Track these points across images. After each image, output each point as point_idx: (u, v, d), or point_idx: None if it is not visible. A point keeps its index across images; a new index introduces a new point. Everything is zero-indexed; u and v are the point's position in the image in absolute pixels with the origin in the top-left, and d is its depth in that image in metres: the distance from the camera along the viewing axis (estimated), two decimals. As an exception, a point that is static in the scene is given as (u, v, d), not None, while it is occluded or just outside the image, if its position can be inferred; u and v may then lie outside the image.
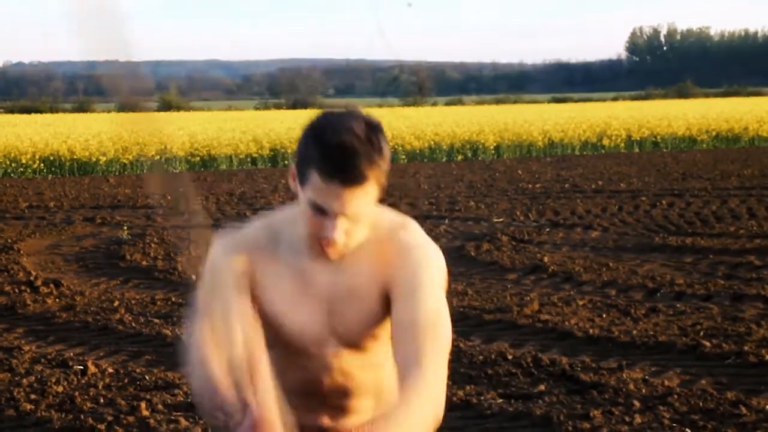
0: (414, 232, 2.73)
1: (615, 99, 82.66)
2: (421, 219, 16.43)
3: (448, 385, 7.22)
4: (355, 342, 2.76)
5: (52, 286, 11.10)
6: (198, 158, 30.57)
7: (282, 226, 2.75)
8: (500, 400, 6.81)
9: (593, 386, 7.03)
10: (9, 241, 14.69)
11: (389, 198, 19.68)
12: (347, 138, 2.46)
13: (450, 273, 2.95)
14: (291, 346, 2.77)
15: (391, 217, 2.75)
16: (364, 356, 2.81)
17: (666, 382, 7.12)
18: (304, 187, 2.54)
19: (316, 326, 2.73)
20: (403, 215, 2.79)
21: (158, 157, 29.90)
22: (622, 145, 35.04)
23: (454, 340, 8.48)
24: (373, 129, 2.50)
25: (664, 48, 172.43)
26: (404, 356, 2.55)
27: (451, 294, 10.34)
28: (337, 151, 2.45)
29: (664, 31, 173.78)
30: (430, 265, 2.69)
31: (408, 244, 2.68)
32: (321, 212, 2.53)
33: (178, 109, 73.19)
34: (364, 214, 2.56)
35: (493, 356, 7.84)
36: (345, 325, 2.73)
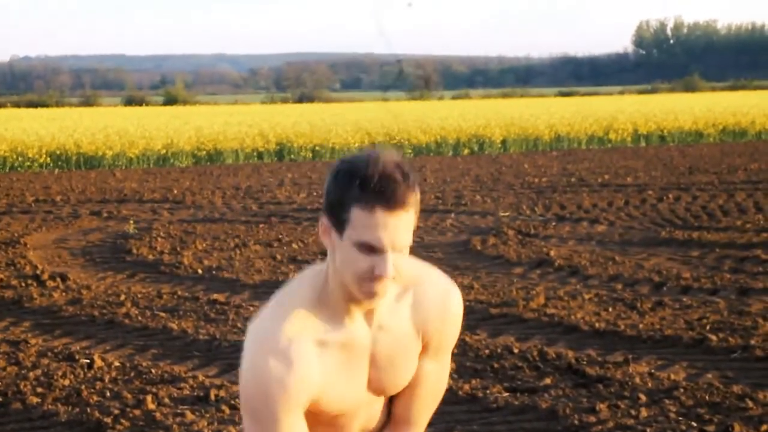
0: (444, 281, 2.74)
1: (621, 93, 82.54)
2: (428, 213, 16.45)
3: (454, 378, 7.20)
4: (390, 394, 2.77)
5: (58, 279, 11.12)
6: (204, 152, 30.59)
7: (318, 295, 2.60)
8: (506, 394, 6.81)
9: (599, 380, 7.03)
10: (16, 235, 14.72)
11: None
12: (384, 165, 2.44)
13: (456, 267, 2.98)
14: (332, 415, 2.68)
15: (410, 261, 2.66)
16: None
17: (672, 376, 7.12)
18: (344, 231, 2.46)
19: (362, 391, 2.68)
20: (418, 258, 2.76)
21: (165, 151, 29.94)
22: (629, 139, 35.01)
23: (460, 335, 8.49)
24: (402, 162, 2.49)
25: (671, 41, 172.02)
26: (409, 410, 2.79)
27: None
28: (377, 179, 2.42)
29: (670, 25, 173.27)
30: (458, 325, 2.76)
31: (452, 302, 2.72)
32: (369, 250, 2.45)
33: (185, 103, 73.24)
34: (407, 247, 2.50)
35: (499, 350, 7.84)
36: (392, 381, 2.70)
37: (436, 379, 2.77)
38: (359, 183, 2.42)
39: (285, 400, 2.50)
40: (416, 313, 2.67)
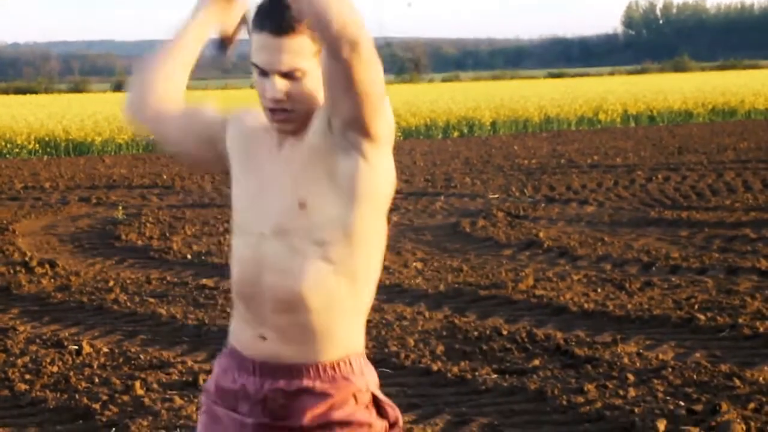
0: None
1: (611, 73, 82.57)
2: (418, 196, 16.45)
3: (443, 361, 7.22)
4: (313, 232, 2.58)
5: (47, 266, 11.09)
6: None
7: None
8: (495, 376, 6.82)
9: (588, 360, 7.04)
10: (4, 221, 14.68)
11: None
12: None
13: (445, 249, 2.99)
14: (244, 222, 2.70)
15: None
16: (321, 261, 2.60)
17: (660, 356, 7.13)
18: (251, 55, 2.61)
19: (275, 190, 2.65)
20: None
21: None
22: (618, 119, 35.00)
23: (449, 317, 8.44)
24: None
25: (660, 22, 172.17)
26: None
27: (446, 270, 10.37)
28: (268, 3, 2.55)
29: (660, 5, 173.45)
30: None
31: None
32: (261, 73, 2.58)
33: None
34: (303, 73, 2.55)
35: (488, 332, 7.84)
36: (304, 195, 2.58)
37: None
38: (257, 8, 2.58)
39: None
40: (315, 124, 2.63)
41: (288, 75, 2.55)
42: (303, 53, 2.54)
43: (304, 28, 2.49)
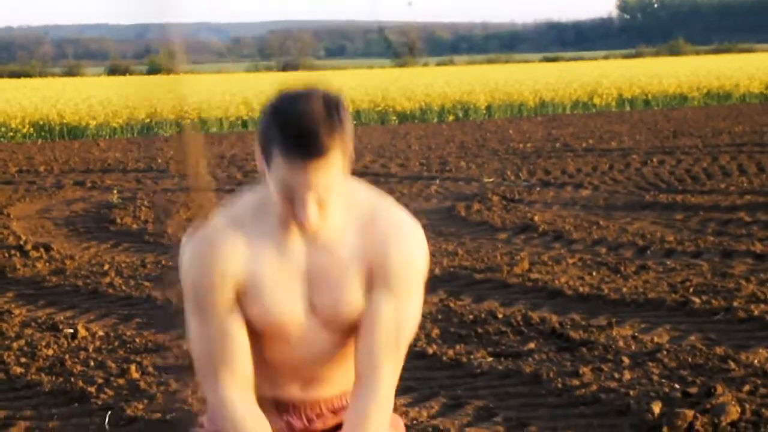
0: (399, 215, 2.73)
1: (606, 57, 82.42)
2: (412, 180, 16.44)
3: (438, 344, 7.22)
4: (335, 323, 2.74)
5: (42, 250, 11.08)
6: (188, 121, 30.46)
7: (260, 205, 2.69)
8: (490, 359, 6.82)
9: (583, 344, 7.04)
10: (-1, 206, 14.66)
11: (380, 159, 19.66)
12: (305, 113, 2.42)
13: (440, 233, 2.99)
14: (270, 327, 2.72)
15: (369, 193, 2.71)
16: (344, 336, 2.78)
17: (655, 339, 7.14)
18: (270, 168, 2.50)
19: (298, 306, 2.69)
20: (380, 191, 2.76)
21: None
22: (613, 103, 34.98)
23: (444, 300, 8.44)
24: (331, 102, 2.47)
25: (655, 5, 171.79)
26: (367, 355, 2.70)
27: (441, 254, 10.35)
28: (296, 127, 2.42)
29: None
30: (414, 260, 2.71)
31: (404, 235, 2.69)
32: (290, 193, 2.49)
33: (168, 72, 72.89)
34: (334, 189, 2.51)
35: (483, 315, 7.84)
36: (331, 304, 2.69)
37: (392, 320, 2.71)
38: (280, 127, 2.44)
39: (211, 282, 2.62)
40: (363, 241, 2.65)
41: (321, 193, 2.51)
42: (336, 171, 2.50)
43: (336, 146, 2.46)
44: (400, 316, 2.74)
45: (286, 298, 2.67)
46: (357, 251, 2.66)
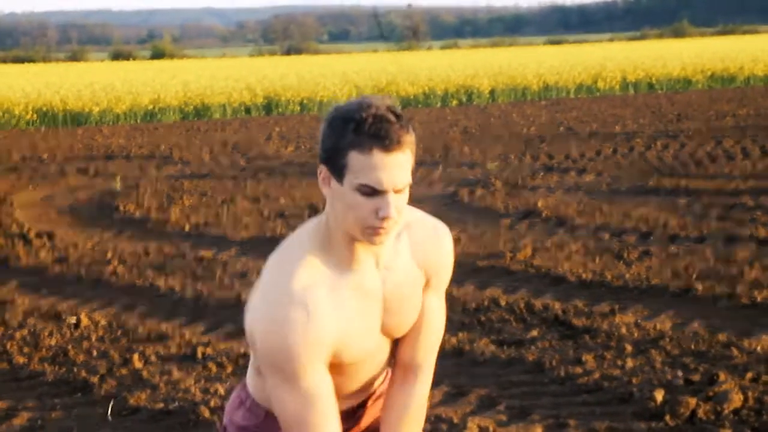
0: (429, 219, 2.86)
1: (611, 40, 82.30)
2: (416, 165, 16.40)
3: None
4: (398, 335, 2.82)
5: (45, 238, 11.09)
6: (191, 107, 30.45)
7: (322, 245, 2.62)
8: (493, 347, 6.82)
9: (585, 331, 7.04)
10: (2, 193, 14.66)
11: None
12: (377, 108, 2.47)
13: (444, 219, 3.03)
14: (350, 362, 2.71)
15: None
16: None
17: (658, 326, 7.13)
18: (344, 177, 2.48)
19: (377, 336, 2.73)
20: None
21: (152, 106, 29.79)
22: (617, 87, 34.92)
23: (447, 290, 8.48)
24: (391, 104, 2.52)
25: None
26: (419, 352, 2.86)
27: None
28: (371, 121, 2.45)
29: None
30: (452, 261, 2.90)
31: (444, 237, 2.85)
32: (370, 192, 2.47)
33: (172, 57, 72.84)
34: (407, 186, 2.53)
35: (486, 303, 7.84)
36: (401, 322, 2.76)
37: (439, 317, 2.87)
38: (354, 127, 2.45)
39: (307, 349, 2.52)
40: (415, 250, 2.75)
41: (401, 190, 2.52)
42: (409, 168, 2.53)
43: (408, 143, 2.50)
44: (443, 315, 2.91)
45: (369, 333, 2.71)
46: (414, 261, 2.75)
